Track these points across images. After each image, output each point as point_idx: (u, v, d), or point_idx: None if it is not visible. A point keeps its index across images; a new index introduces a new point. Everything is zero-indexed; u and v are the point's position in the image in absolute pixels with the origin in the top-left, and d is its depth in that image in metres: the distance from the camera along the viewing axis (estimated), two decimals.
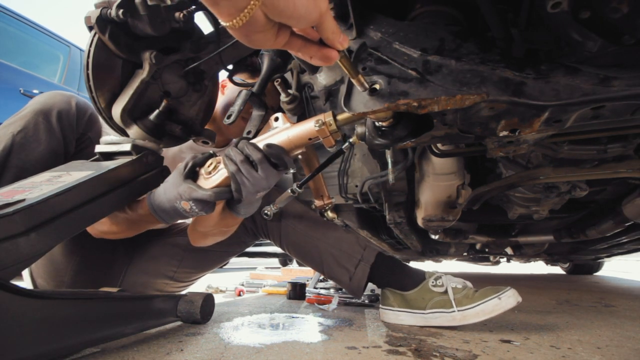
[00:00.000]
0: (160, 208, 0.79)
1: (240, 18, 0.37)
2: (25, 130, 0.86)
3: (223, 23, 0.38)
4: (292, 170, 0.84)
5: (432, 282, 1.00)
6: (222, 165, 0.76)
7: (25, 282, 1.06)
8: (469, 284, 1.01)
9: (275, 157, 0.72)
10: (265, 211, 0.83)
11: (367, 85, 0.57)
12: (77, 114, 0.94)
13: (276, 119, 0.79)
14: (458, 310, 0.93)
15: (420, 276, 1.04)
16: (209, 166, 0.77)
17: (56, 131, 0.90)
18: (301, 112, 0.96)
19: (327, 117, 0.70)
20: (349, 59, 0.51)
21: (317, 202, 0.87)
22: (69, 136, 0.93)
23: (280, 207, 0.85)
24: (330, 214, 0.88)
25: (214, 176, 0.76)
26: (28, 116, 0.87)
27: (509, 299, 0.90)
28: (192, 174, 0.78)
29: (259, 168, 0.72)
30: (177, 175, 0.77)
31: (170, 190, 0.77)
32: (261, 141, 0.76)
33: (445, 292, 0.98)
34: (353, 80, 0.56)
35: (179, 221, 0.83)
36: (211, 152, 0.81)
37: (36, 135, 0.87)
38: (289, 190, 0.81)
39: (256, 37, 0.40)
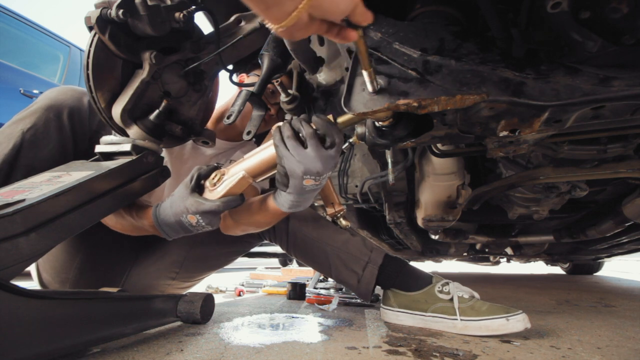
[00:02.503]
0: (165, 222, 0.78)
1: (288, 21, 0.40)
2: (35, 127, 0.83)
3: (271, 26, 0.42)
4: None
5: (439, 288, 0.99)
6: (226, 177, 0.75)
7: (32, 278, 1.06)
8: (476, 294, 0.99)
9: (322, 127, 0.67)
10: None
11: (377, 80, 0.56)
12: (89, 111, 0.93)
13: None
14: (461, 320, 0.91)
15: (427, 280, 1.04)
16: (213, 178, 0.77)
17: (67, 129, 0.88)
18: (301, 113, 0.96)
19: None
20: (365, 42, 0.51)
21: (329, 210, 0.85)
22: (79, 134, 0.91)
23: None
24: (343, 222, 0.86)
25: (218, 187, 0.75)
26: (38, 112, 0.85)
27: (517, 322, 0.86)
28: (197, 187, 0.77)
29: (308, 144, 0.67)
30: (184, 189, 0.76)
31: (177, 203, 0.76)
32: (259, 152, 0.75)
33: (451, 300, 0.95)
34: (364, 72, 0.54)
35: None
36: (216, 164, 0.81)
37: (46, 133, 0.85)
38: None
39: (299, 33, 0.44)
